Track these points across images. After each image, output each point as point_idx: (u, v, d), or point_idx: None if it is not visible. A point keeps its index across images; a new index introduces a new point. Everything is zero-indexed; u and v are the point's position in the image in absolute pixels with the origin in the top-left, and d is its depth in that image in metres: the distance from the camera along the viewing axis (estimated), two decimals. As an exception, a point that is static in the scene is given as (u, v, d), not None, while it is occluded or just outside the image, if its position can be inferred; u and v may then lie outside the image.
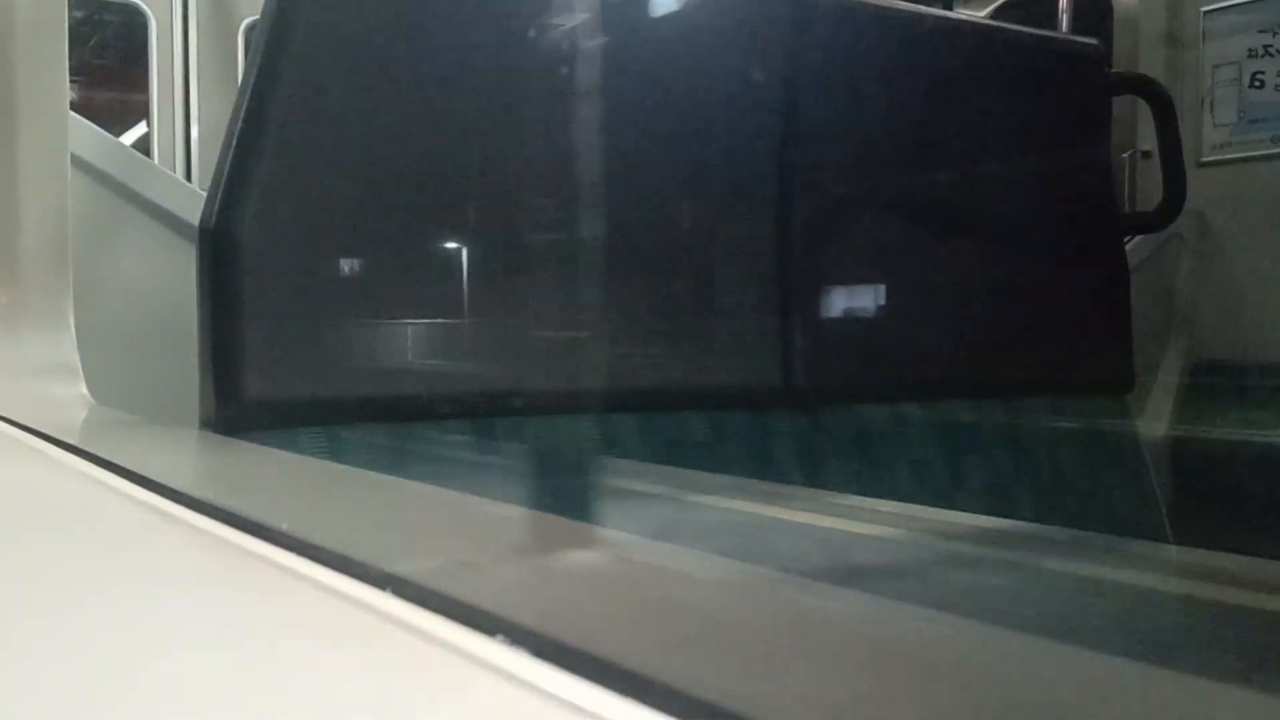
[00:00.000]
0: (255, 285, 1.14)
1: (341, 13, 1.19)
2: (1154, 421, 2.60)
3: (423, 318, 1.23)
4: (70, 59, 1.37)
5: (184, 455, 0.90)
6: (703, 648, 0.32)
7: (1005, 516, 1.64)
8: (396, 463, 1.27)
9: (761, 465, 1.47)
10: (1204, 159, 2.83)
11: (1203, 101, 2.85)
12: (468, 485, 1.21)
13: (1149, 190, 2.78)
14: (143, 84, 3.65)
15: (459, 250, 1.27)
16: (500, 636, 0.31)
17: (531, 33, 1.32)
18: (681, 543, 0.82)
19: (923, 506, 1.33)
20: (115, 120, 3.70)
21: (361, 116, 1.21)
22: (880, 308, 1.62)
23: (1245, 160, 2.79)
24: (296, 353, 1.16)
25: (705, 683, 0.27)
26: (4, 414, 1.00)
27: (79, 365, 1.30)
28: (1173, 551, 1.71)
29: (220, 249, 1.14)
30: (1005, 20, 3.31)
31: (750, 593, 0.39)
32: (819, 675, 0.29)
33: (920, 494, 1.56)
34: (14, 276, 1.33)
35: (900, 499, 1.53)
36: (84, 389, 1.27)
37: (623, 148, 1.39)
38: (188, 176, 3.60)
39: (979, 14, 3.46)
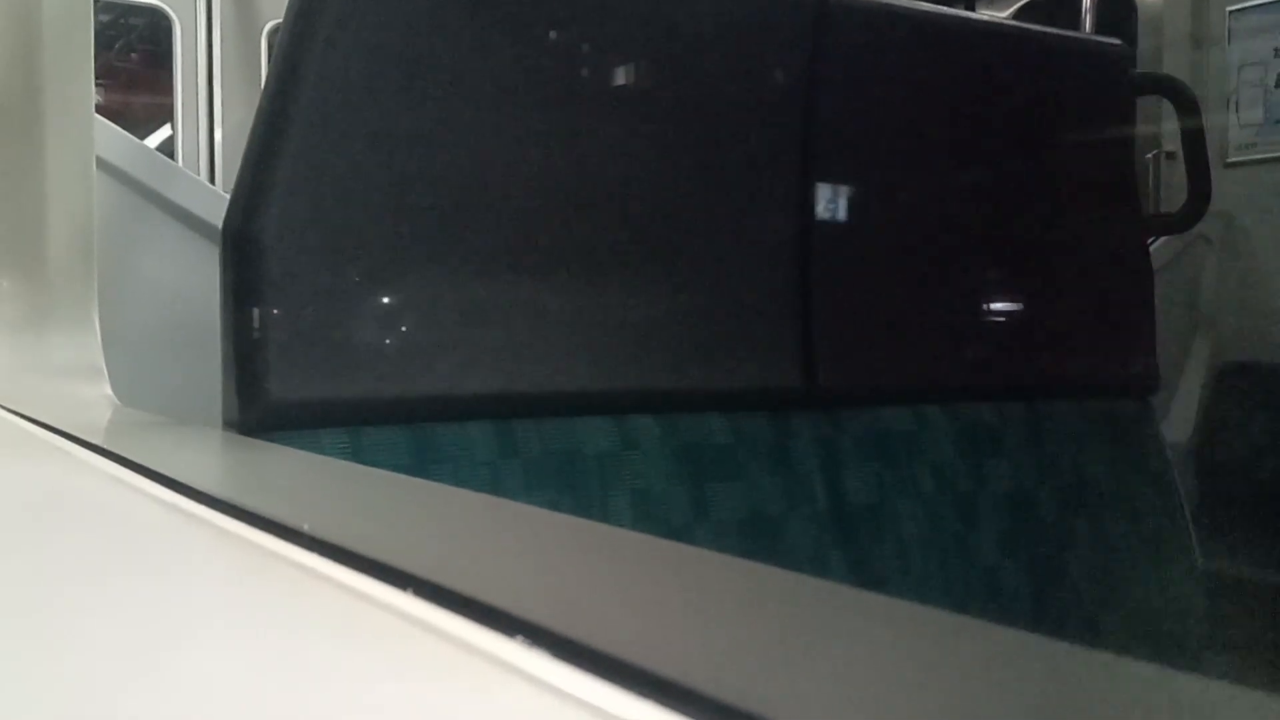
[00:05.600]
0: (278, 287, 1.15)
1: (364, 16, 1.19)
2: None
3: (446, 320, 1.23)
4: (95, 62, 1.38)
5: (207, 455, 0.90)
6: (726, 650, 0.32)
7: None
8: None
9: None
10: (1229, 160, 2.81)
11: (1228, 102, 2.83)
12: None
13: (1174, 192, 2.76)
14: (167, 87, 3.68)
15: (485, 252, 1.27)
16: (520, 638, 0.31)
17: (553, 35, 1.32)
18: None
19: None
20: (140, 123, 3.73)
21: (384, 119, 1.21)
22: (902, 307, 1.62)
23: (1271, 161, 2.77)
24: (319, 354, 1.16)
25: (727, 685, 0.27)
26: (30, 414, 1.01)
27: (103, 366, 1.31)
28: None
29: (243, 251, 1.15)
30: (1028, 20, 3.30)
31: (774, 594, 0.39)
32: (844, 679, 0.29)
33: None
34: (40, 278, 1.35)
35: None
36: (108, 389, 1.28)
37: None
38: (211, 179, 3.63)
39: (1001, 14, 3.44)
